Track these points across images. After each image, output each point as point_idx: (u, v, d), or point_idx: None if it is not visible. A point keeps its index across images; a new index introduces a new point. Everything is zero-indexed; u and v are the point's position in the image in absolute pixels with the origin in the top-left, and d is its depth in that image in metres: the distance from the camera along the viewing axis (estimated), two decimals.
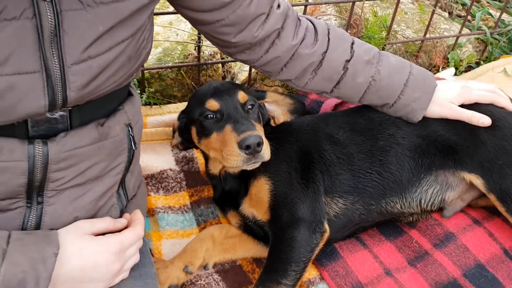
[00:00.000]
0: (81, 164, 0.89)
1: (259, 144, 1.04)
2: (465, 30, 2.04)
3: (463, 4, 2.27)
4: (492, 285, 1.24)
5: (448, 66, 1.90)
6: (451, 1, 2.25)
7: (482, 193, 1.29)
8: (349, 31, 1.67)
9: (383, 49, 1.75)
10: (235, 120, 1.10)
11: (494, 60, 2.02)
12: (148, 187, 1.36)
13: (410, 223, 1.35)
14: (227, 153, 1.06)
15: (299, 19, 1.19)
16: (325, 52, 1.19)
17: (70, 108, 0.86)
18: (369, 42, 1.63)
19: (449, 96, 1.26)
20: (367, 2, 1.82)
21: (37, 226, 0.89)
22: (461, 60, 1.92)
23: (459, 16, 2.23)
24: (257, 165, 1.09)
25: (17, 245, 0.80)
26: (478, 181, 1.24)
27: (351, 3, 1.59)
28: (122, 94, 0.99)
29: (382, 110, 1.28)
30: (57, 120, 0.86)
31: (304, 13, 1.60)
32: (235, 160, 1.05)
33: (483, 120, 1.21)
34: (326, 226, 1.16)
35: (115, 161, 0.96)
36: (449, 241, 1.31)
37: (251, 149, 1.04)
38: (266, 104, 1.30)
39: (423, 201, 1.25)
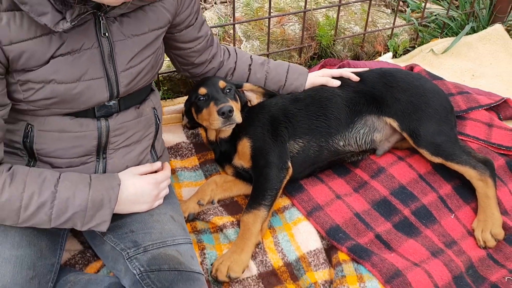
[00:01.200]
0: (127, 132, 1.42)
1: (230, 111, 1.55)
2: (403, 22, 2.55)
3: (404, 1, 2.79)
4: (410, 198, 1.73)
5: (388, 51, 2.42)
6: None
7: (402, 136, 1.80)
8: (305, 32, 2.20)
9: (333, 43, 2.27)
10: (216, 98, 1.61)
11: (425, 43, 2.54)
12: (169, 155, 1.89)
13: (354, 163, 1.86)
14: (211, 119, 1.58)
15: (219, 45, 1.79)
16: (236, 61, 1.78)
17: (118, 99, 1.40)
18: (321, 40, 2.16)
19: (315, 74, 1.87)
20: (321, 9, 2.35)
21: (104, 172, 1.43)
22: (398, 46, 2.44)
23: (401, 11, 2.75)
24: (232, 125, 1.62)
25: (96, 180, 1.33)
26: (395, 124, 1.75)
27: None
28: (148, 89, 1.52)
29: (281, 91, 1.85)
30: (111, 106, 1.38)
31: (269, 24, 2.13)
32: (217, 123, 1.57)
33: (335, 82, 1.82)
34: (290, 165, 1.67)
35: (147, 131, 1.49)
36: (381, 172, 1.81)
37: (225, 115, 1.55)
38: (244, 91, 1.82)
39: (358, 139, 1.76)
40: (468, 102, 2.00)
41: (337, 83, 1.83)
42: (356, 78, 1.82)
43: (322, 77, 1.86)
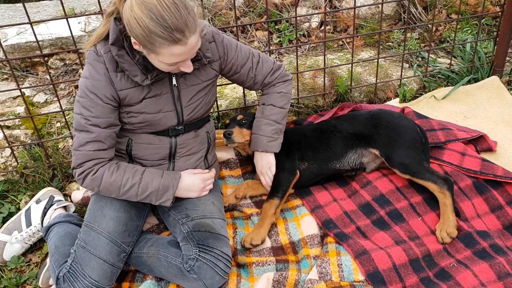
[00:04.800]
0: (188, 146, 2.07)
1: (229, 134, 2.18)
2: (412, 73, 3.05)
3: (422, 57, 3.28)
4: (386, 203, 2.17)
5: (397, 97, 2.93)
6: (403, 57, 3.27)
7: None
8: (328, 83, 2.82)
9: (350, 90, 2.86)
10: (229, 126, 2.27)
11: (431, 91, 3.00)
12: (221, 166, 2.58)
13: (351, 177, 2.38)
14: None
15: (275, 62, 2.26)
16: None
17: (184, 125, 2.07)
18: (338, 88, 2.77)
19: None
20: (342, 65, 2.96)
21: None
22: (406, 93, 2.94)
23: (419, 66, 3.24)
24: (234, 144, 2.23)
25: (166, 173, 1.97)
26: (377, 152, 2.25)
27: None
28: (206, 120, 2.17)
29: None
30: (179, 129, 2.03)
31: (298, 77, 2.78)
32: (224, 141, 2.22)
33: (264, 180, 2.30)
34: (298, 172, 2.25)
35: (201, 147, 2.16)
36: (368, 184, 2.30)
37: (226, 136, 2.19)
38: None
39: (349, 162, 2.29)
40: (447, 136, 2.45)
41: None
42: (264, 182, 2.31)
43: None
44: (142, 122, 1.93)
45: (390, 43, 3.36)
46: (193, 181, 2.05)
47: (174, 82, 1.94)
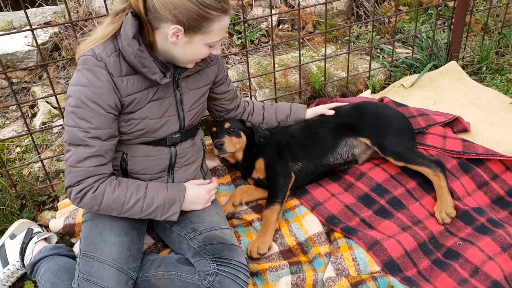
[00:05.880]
0: (187, 155, 1.96)
1: (221, 144, 2.12)
2: (378, 65, 3.15)
3: (381, 49, 3.40)
4: (385, 192, 2.22)
5: (368, 89, 3.01)
6: (370, 50, 3.38)
7: (374, 150, 2.36)
8: (302, 80, 2.83)
9: (324, 86, 2.89)
10: (218, 135, 2.18)
11: (397, 80, 3.12)
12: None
13: (343, 171, 2.39)
14: (214, 149, 2.16)
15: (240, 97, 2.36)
16: (253, 105, 2.36)
17: (180, 133, 1.94)
18: (314, 85, 2.78)
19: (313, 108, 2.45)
20: (314, 62, 2.98)
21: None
22: (376, 84, 3.03)
23: (378, 57, 3.35)
24: (226, 154, 2.18)
25: (170, 186, 1.85)
26: (368, 141, 2.28)
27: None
28: (196, 127, 2.08)
29: (288, 119, 2.39)
30: (176, 138, 1.91)
31: (274, 76, 2.76)
32: (215, 152, 2.15)
33: (330, 112, 2.37)
34: (293, 175, 2.21)
35: (199, 155, 2.06)
36: (363, 176, 2.33)
37: (217, 147, 2.12)
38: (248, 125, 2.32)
39: (342, 155, 2.30)
40: (427, 121, 2.55)
41: (332, 112, 2.40)
42: (330, 113, 2.38)
43: (319, 108, 2.43)
44: (142, 129, 1.80)
45: (348, 38, 3.44)
46: (198, 193, 1.96)
47: (177, 86, 1.86)
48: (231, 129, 2.22)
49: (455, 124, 2.62)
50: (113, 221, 1.83)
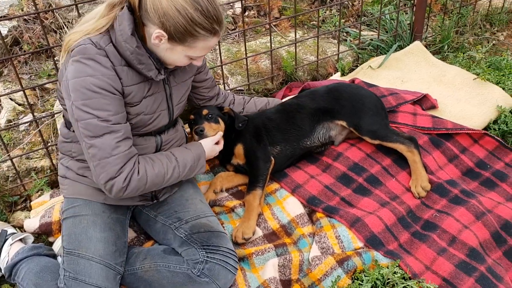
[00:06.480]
0: (171, 142, 1.92)
1: (201, 130, 2.06)
2: (346, 48, 3.21)
3: (347, 32, 3.46)
4: (362, 170, 2.28)
5: (337, 72, 3.06)
6: (339, 33, 3.43)
7: (350, 130, 2.41)
8: (274, 65, 2.84)
9: (295, 71, 2.91)
10: (197, 122, 2.14)
11: (365, 62, 3.18)
12: None
13: (320, 153, 2.44)
14: (193, 136, 2.12)
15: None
16: (233, 95, 2.38)
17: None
18: (286, 69, 2.80)
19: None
20: (283, 47, 2.99)
21: None
22: (344, 67, 3.08)
23: (345, 40, 3.41)
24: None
25: (189, 145, 1.93)
26: (344, 123, 2.34)
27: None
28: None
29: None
30: (162, 127, 1.88)
31: (247, 62, 2.76)
32: (196, 138, 2.10)
33: None
34: (272, 159, 2.23)
35: (182, 141, 2.01)
36: (340, 156, 2.37)
37: (197, 133, 2.07)
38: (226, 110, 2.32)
39: (319, 138, 2.33)
40: (397, 100, 2.62)
41: None
42: None
43: None
44: (134, 124, 1.76)
45: (314, 23, 3.47)
46: (209, 142, 2.03)
47: (166, 80, 1.84)
48: (210, 115, 2.20)
49: (423, 101, 2.71)
50: (96, 216, 1.79)
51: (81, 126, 1.59)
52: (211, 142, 2.02)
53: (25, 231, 2.15)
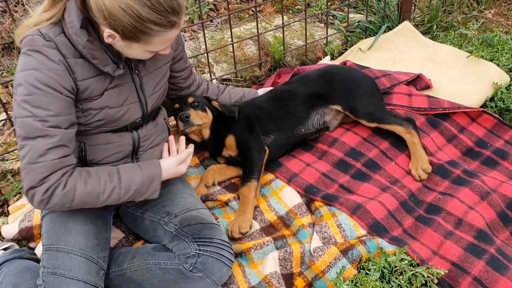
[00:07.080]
0: (151, 138, 1.80)
1: (187, 116, 1.97)
2: (334, 31, 3.10)
3: (333, 15, 3.35)
4: (359, 155, 2.19)
5: (326, 56, 2.95)
6: (326, 15, 3.32)
7: (346, 114, 2.31)
8: (261, 51, 2.72)
9: (284, 56, 2.79)
10: (182, 109, 2.03)
11: (354, 45, 3.09)
12: None
13: (315, 139, 2.34)
14: (178, 124, 2.01)
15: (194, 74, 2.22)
16: (207, 84, 2.24)
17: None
18: (274, 55, 2.68)
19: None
20: (270, 31, 2.87)
21: None
22: (334, 50, 2.98)
23: (332, 23, 3.31)
24: (193, 127, 2.01)
25: (143, 164, 1.66)
26: (339, 107, 2.24)
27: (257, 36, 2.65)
28: (159, 108, 1.96)
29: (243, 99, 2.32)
30: (138, 122, 1.74)
31: (233, 49, 2.63)
32: (180, 126, 1.99)
33: None
34: (266, 148, 2.11)
35: (163, 135, 1.88)
36: (335, 142, 2.27)
37: (183, 120, 1.97)
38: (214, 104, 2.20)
39: (314, 124, 2.23)
40: (390, 81, 2.53)
41: None
42: None
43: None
44: (101, 120, 1.62)
45: (299, 7, 3.36)
46: (169, 163, 1.78)
47: (134, 69, 1.68)
48: (196, 103, 2.08)
49: (417, 81, 2.62)
50: (76, 210, 1.64)
51: (17, 124, 1.45)
52: (175, 163, 1.77)
53: (3, 239, 2.00)
